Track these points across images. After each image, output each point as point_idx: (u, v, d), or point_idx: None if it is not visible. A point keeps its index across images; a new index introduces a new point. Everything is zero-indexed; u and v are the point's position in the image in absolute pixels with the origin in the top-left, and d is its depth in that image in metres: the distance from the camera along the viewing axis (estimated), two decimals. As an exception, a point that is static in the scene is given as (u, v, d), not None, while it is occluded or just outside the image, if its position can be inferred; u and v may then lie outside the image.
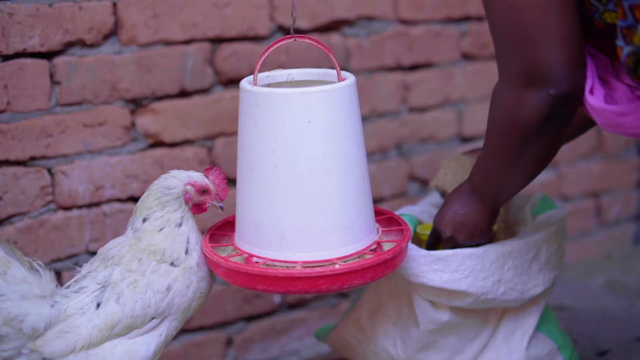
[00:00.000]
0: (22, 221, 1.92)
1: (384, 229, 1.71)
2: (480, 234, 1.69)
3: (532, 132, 1.45)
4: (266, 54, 1.60)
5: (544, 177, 2.71)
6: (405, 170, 2.47)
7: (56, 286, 1.53)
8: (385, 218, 1.75)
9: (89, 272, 1.56)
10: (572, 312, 2.28)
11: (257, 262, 1.57)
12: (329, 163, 1.53)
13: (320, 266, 1.53)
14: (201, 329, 2.20)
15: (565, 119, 1.45)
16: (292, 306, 2.33)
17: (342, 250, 1.56)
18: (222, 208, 1.63)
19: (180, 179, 1.59)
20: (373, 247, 1.61)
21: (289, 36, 1.63)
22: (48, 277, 1.50)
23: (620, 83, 1.43)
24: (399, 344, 1.78)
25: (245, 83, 1.59)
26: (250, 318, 2.27)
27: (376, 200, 2.40)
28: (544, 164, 1.54)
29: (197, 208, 1.62)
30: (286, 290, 1.52)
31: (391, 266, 1.58)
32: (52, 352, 1.47)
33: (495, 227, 1.76)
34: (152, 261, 1.54)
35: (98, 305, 1.51)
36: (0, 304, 1.43)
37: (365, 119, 2.37)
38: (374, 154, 2.40)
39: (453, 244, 1.70)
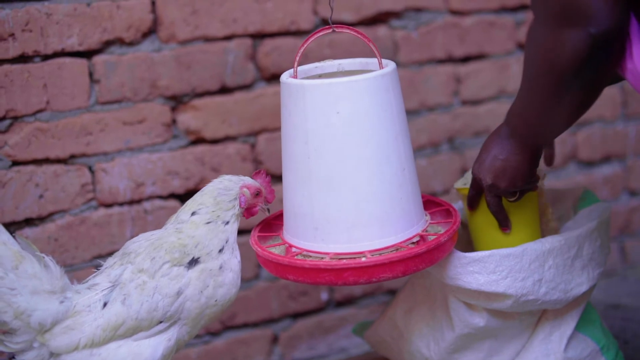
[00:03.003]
0: (63, 218, 1.95)
1: (436, 221, 1.66)
2: (523, 179, 1.58)
3: (571, 75, 1.36)
4: (305, 46, 1.59)
5: (609, 170, 2.61)
6: (458, 164, 2.40)
7: (72, 282, 1.54)
8: (443, 210, 1.70)
9: (106, 267, 1.57)
10: (628, 311, 2.19)
11: (294, 252, 1.56)
12: (360, 154, 1.51)
13: (348, 258, 1.51)
14: (246, 326, 2.19)
15: (606, 62, 1.35)
16: (340, 303, 2.30)
17: (376, 243, 1.53)
18: (268, 210, 1.66)
19: (236, 182, 1.61)
20: (415, 239, 1.57)
21: (327, 27, 1.60)
22: (59, 273, 1.50)
23: None
24: (432, 346, 1.73)
25: (284, 75, 1.59)
26: (297, 315, 2.25)
27: (427, 196, 2.35)
28: (586, 107, 1.45)
29: (248, 212, 1.64)
30: (315, 281, 1.51)
31: (427, 260, 1.53)
32: (57, 347, 1.48)
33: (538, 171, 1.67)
34: (166, 262, 1.53)
35: (105, 304, 1.51)
36: (12, 297, 1.45)
37: (415, 112, 2.32)
38: (425, 148, 2.35)
39: (495, 192, 1.61)
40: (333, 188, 1.51)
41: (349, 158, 1.50)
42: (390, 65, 1.57)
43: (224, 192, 1.60)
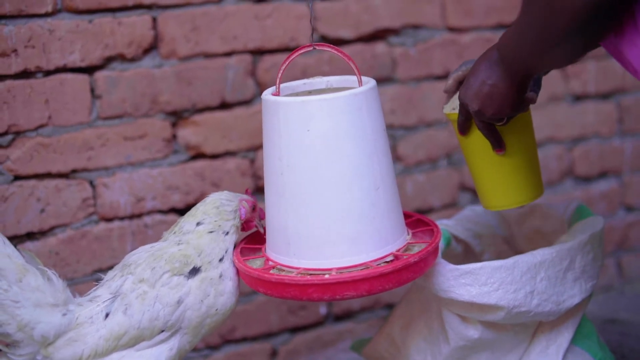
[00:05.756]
0: (64, 232, 1.97)
1: (422, 240, 1.64)
2: (510, 106, 1.52)
3: (571, 31, 1.30)
4: (287, 63, 1.61)
5: (605, 186, 2.63)
6: (456, 180, 2.43)
7: (74, 295, 1.56)
8: (429, 229, 1.69)
9: (107, 280, 1.59)
10: (625, 326, 2.20)
11: (270, 266, 1.59)
12: (331, 172, 1.52)
13: (313, 274, 1.53)
14: (245, 340, 2.20)
15: (610, 22, 1.31)
16: (339, 317, 2.32)
17: (346, 260, 1.54)
18: (263, 227, 1.69)
19: (234, 196, 1.68)
20: (388, 259, 1.56)
21: (308, 45, 1.62)
22: (61, 286, 1.53)
23: None
24: (429, 360, 1.75)
25: (266, 92, 1.61)
26: (295, 329, 2.27)
27: (425, 211, 2.38)
28: (582, 55, 1.39)
29: (246, 225, 1.69)
30: (281, 295, 1.53)
31: (393, 281, 1.51)
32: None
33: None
34: (166, 272, 1.55)
35: (107, 315, 1.53)
36: (15, 310, 1.47)
37: (413, 128, 2.35)
38: (423, 164, 2.37)
39: (481, 118, 1.55)
40: (303, 204, 1.53)
41: (318, 175, 1.51)
42: (368, 84, 1.56)
43: (226, 203, 1.65)
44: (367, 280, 1.49)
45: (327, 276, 1.50)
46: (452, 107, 1.68)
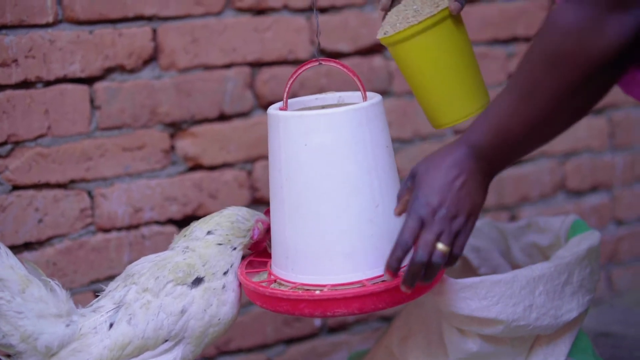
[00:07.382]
0: (61, 243, 1.97)
1: None
2: (476, 213, 1.36)
3: (598, 70, 1.15)
4: (294, 78, 1.61)
5: (596, 200, 2.66)
6: (450, 193, 2.44)
7: (76, 306, 1.56)
8: None
9: (109, 291, 1.59)
10: (618, 339, 2.22)
11: (271, 280, 1.59)
12: (326, 186, 1.51)
13: (305, 290, 1.53)
14: (240, 351, 2.21)
15: (619, 73, 1.19)
16: (333, 329, 2.33)
17: (343, 277, 1.53)
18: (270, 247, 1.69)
19: (252, 214, 1.68)
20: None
21: (314, 59, 1.63)
22: (64, 296, 1.53)
23: None
24: (428, 373, 1.76)
25: (272, 106, 1.61)
26: (290, 341, 2.27)
27: (420, 224, 2.39)
28: (580, 118, 1.26)
29: (256, 245, 1.70)
30: (275, 309, 1.53)
31: (386, 300, 1.49)
32: None
33: None
34: (169, 282, 1.56)
35: (111, 325, 1.53)
36: (18, 321, 1.47)
37: (408, 142, 2.36)
38: (418, 176, 2.39)
39: (438, 218, 1.34)
40: (300, 218, 1.53)
41: (315, 189, 1.51)
42: (371, 100, 1.55)
43: (241, 220, 1.65)
44: (359, 298, 1.48)
45: (318, 292, 1.50)
46: (384, 32, 1.62)
